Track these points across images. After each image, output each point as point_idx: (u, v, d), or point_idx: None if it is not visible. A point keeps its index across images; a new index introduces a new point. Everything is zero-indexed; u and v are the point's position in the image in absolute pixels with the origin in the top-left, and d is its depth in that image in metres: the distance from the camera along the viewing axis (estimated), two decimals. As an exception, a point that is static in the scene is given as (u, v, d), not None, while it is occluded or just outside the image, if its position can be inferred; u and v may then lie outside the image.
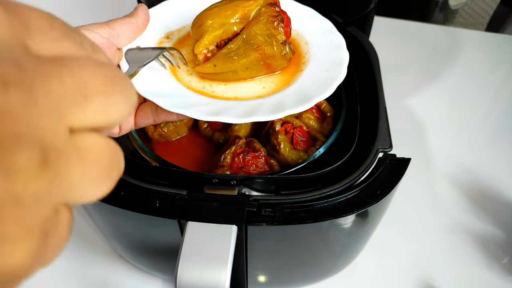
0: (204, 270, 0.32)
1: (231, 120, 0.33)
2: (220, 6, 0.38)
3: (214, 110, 0.34)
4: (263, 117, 0.33)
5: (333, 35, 0.43)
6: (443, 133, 0.70)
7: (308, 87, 0.37)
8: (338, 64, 0.39)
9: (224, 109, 0.34)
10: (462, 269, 0.53)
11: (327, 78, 0.37)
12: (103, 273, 0.53)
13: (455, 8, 1.16)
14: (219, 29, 0.37)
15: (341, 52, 0.40)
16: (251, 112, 0.34)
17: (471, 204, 0.60)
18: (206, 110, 0.33)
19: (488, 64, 0.83)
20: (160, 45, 0.41)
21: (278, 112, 0.34)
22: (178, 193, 0.36)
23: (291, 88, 0.38)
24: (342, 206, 0.36)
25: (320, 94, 0.36)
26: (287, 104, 0.35)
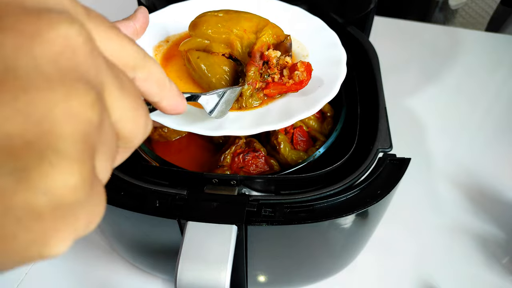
0: (204, 270, 0.32)
1: (203, 132, 0.33)
2: (221, 18, 0.38)
3: (189, 120, 0.34)
4: (237, 131, 0.34)
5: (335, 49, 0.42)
6: (443, 133, 0.70)
7: (294, 103, 0.37)
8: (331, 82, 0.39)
9: (199, 120, 0.35)
10: (462, 269, 0.53)
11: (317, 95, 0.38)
12: (103, 273, 0.53)
13: (455, 8, 1.16)
14: (205, 42, 0.38)
15: (339, 68, 0.40)
16: (257, 123, 0.34)
17: (471, 204, 0.60)
18: (182, 120, 0.34)
19: (488, 64, 0.83)
20: (159, 48, 0.41)
21: (253, 127, 0.34)
22: (178, 193, 0.36)
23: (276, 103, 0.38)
24: (342, 206, 0.36)
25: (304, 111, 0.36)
26: (265, 121, 0.35)
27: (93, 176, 0.13)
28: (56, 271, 0.53)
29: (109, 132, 0.14)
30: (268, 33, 0.38)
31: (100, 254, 0.55)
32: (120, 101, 0.15)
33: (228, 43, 0.37)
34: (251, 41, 0.37)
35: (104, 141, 0.14)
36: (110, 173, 0.15)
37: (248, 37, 0.37)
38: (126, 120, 0.16)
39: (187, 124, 0.33)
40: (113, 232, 0.45)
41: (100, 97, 0.13)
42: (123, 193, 0.37)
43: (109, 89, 0.14)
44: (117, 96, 0.15)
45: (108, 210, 0.38)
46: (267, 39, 0.38)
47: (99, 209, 0.14)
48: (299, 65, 0.37)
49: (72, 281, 0.52)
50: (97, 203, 0.14)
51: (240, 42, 0.37)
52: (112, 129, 0.15)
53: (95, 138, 0.13)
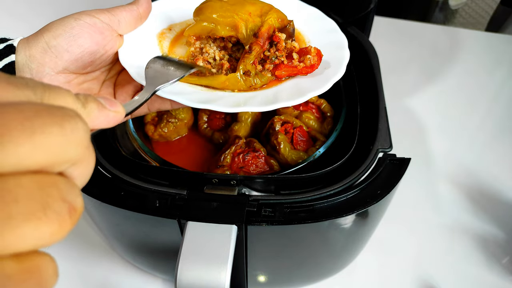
0: (204, 270, 0.32)
1: (221, 109, 0.33)
2: (226, 3, 0.38)
3: (206, 98, 0.34)
4: (254, 107, 0.34)
5: (336, 35, 0.43)
6: (443, 133, 0.70)
7: (304, 83, 0.38)
8: (337, 63, 0.39)
9: (216, 98, 0.35)
10: (462, 269, 0.53)
11: (325, 75, 0.38)
12: (103, 273, 0.53)
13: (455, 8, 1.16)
14: (210, 25, 0.38)
15: (343, 52, 0.40)
16: (243, 102, 0.34)
17: (471, 204, 0.60)
18: (198, 98, 0.34)
19: (488, 64, 0.83)
20: (162, 35, 0.41)
21: (270, 104, 0.34)
22: (178, 193, 0.36)
23: (287, 83, 0.38)
24: (342, 206, 0.36)
25: (315, 89, 0.36)
26: (280, 98, 0.35)
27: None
28: (56, 271, 0.53)
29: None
30: (273, 16, 0.38)
31: (100, 254, 0.55)
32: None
33: (233, 26, 0.37)
34: (256, 24, 0.38)
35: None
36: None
37: (253, 20, 0.38)
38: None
39: (204, 102, 0.33)
40: (113, 232, 0.45)
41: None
42: (123, 193, 0.37)
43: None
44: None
45: (108, 210, 0.38)
46: (273, 21, 0.38)
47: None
48: (312, 50, 0.38)
49: (72, 281, 0.52)
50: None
51: (245, 24, 0.37)
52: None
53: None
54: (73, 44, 0.32)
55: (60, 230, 0.13)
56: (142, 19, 0.37)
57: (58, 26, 0.32)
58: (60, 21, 0.32)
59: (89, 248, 0.56)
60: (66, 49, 0.32)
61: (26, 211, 0.12)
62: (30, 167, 0.13)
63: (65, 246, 0.56)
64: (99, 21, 0.33)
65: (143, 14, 0.37)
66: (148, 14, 0.37)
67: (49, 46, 0.31)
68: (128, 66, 0.35)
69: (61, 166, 0.14)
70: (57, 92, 0.15)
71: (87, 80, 0.36)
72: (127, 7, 0.35)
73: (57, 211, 0.13)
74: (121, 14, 0.35)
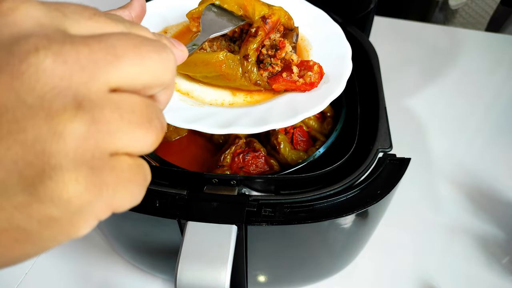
0: (204, 270, 0.32)
1: (209, 130, 0.32)
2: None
3: (192, 117, 0.33)
4: (243, 129, 0.33)
5: (340, 43, 0.42)
6: (443, 133, 0.70)
7: (300, 99, 0.36)
8: (337, 77, 0.38)
9: (204, 116, 0.34)
10: (462, 269, 0.53)
11: (323, 92, 0.37)
12: (103, 273, 0.53)
13: (455, 8, 1.16)
14: (216, 1, 0.37)
15: (345, 63, 0.39)
16: (233, 122, 0.33)
17: (471, 204, 0.60)
18: (186, 117, 0.33)
19: (488, 64, 0.83)
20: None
21: (260, 125, 0.33)
22: (178, 193, 0.36)
23: (281, 99, 0.37)
24: (342, 206, 0.36)
25: (310, 109, 0.35)
26: (271, 118, 0.34)
27: (96, 176, 0.14)
28: (56, 271, 0.53)
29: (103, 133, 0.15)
30: (283, 12, 0.37)
31: (100, 254, 0.55)
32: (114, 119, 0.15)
33: (241, 4, 0.37)
34: (264, 10, 0.37)
35: (101, 140, 0.15)
36: (138, 152, 0.17)
37: (262, 4, 0.37)
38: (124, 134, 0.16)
39: (193, 122, 0.32)
40: (113, 232, 0.45)
41: (82, 108, 0.14)
42: (123, 193, 0.37)
43: (95, 105, 0.15)
44: (108, 115, 0.15)
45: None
46: (281, 14, 0.37)
47: (124, 194, 0.16)
48: (315, 68, 0.36)
49: (72, 281, 0.52)
50: (118, 191, 0.16)
51: (253, 6, 0.37)
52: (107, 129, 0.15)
53: (86, 145, 0.14)
54: None
55: (156, 141, 0.17)
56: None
57: None
58: None
59: (89, 248, 0.56)
60: None
61: (139, 120, 0.16)
62: (137, 86, 0.16)
63: (65, 246, 0.56)
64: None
65: (136, 18, 0.35)
66: (141, 19, 0.36)
67: None
68: None
69: (156, 89, 0.17)
70: (140, 29, 0.19)
71: None
72: (119, 11, 0.34)
73: (156, 126, 0.16)
74: None
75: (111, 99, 0.15)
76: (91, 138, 0.14)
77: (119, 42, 0.15)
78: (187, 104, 0.35)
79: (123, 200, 0.16)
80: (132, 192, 0.17)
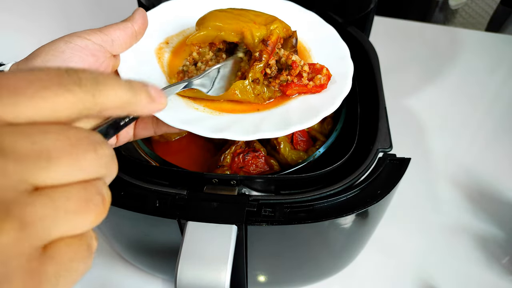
0: (204, 270, 0.32)
1: (237, 137, 0.32)
2: (229, 13, 0.38)
3: (219, 126, 0.33)
4: (268, 133, 0.33)
5: (337, 43, 0.42)
6: (443, 133, 0.70)
7: (313, 101, 0.37)
8: (342, 77, 0.39)
9: (229, 124, 0.34)
10: (462, 269, 0.53)
11: (333, 92, 0.38)
12: (103, 273, 0.53)
13: (455, 8, 1.17)
14: (215, 32, 0.37)
15: (345, 63, 0.40)
16: (257, 127, 0.34)
17: (471, 204, 0.60)
18: (210, 126, 0.33)
19: (488, 64, 0.83)
20: (160, 51, 0.40)
21: (284, 128, 0.34)
22: (178, 193, 0.36)
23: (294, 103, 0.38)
24: (342, 206, 0.36)
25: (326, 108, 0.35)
26: (292, 120, 0.35)
27: (34, 277, 0.14)
28: (56, 271, 0.53)
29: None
30: (279, 26, 0.38)
31: (100, 254, 0.55)
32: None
33: (238, 32, 0.37)
34: (261, 32, 0.37)
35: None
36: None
37: (259, 27, 0.37)
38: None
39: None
40: (113, 232, 0.45)
41: (11, 214, 0.14)
42: (123, 193, 0.37)
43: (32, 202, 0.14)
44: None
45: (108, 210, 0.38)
46: (280, 31, 0.38)
47: (68, 275, 0.16)
48: (324, 71, 0.38)
49: (72, 281, 0.52)
50: (61, 275, 0.16)
51: (251, 31, 0.37)
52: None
53: (18, 250, 0.14)
54: None
55: (96, 218, 0.17)
56: (138, 36, 0.35)
57: (48, 51, 0.30)
58: (50, 45, 0.30)
59: (89, 248, 0.56)
60: None
61: (76, 206, 0.16)
62: (72, 181, 0.16)
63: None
64: (91, 42, 0.31)
65: (139, 31, 0.35)
66: (144, 31, 0.35)
67: None
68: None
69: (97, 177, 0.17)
70: (107, 87, 0.18)
71: None
72: (121, 25, 0.33)
73: (97, 203, 0.17)
74: (114, 33, 0.32)
75: (44, 195, 0.15)
76: (23, 243, 0.14)
77: (54, 144, 0.15)
78: (206, 114, 0.36)
79: (69, 280, 0.16)
80: (77, 268, 0.17)
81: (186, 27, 0.42)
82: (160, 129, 0.35)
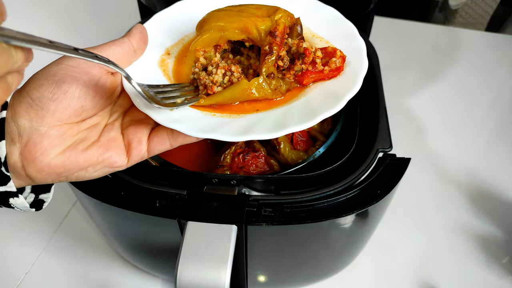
0: (204, 270, 0.32)
1: (263, 137, 0.31)
2: (229, 11, 0.37)
3: (243, 128, 0.31)
4: (296, 127, 0.31)
5: (342, 22, 0.40)
6: (443, 133, 0.70)
7: (332, 86, 0.35)
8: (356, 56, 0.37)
9: (251, 125, 0.32)
10: (462, 269, 0.53)
11: (350, 73, 0.36)
12: (103, 273, 0.53)
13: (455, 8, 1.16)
14: (218, 33, 0.36)
15: (356, 41, 0.38)
16: (281, 126, 0.32)
17: (471, 204, 0.60)
18: (234, 130, 0.31)
19: (488, 64, 0.83)
20: (163, 63, 0.39)
21: (309, 120, 0.32)
22: (178, 193, 0.36)
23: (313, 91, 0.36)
24: (342, 206, 0.36)
25: (349, 91, 0.33)
26: (318, 110, 0.33)
27: None
28: (56, 271, 0.53)
29: None
30: (284, 15, 0.36)
31: (100, 254, 0.55)
32: None
33: (242, 28, 0.35)
34: (266, 24, 0.36)
35: None
36: None
37: (262, 20, 0.36)
38: None
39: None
40: (113, 232, 0.45)
41: None
42: (123, 193, 0.37)
43: None
44: None
45: (108, 210, 0.38)
46: (285, 20, 0.36)
47: None
48: (338, 53, 0.36)
49: (72, 281, 0.52)
50: None
51: (255, 25, 0.35)
52: None
53: None
54: (57, 91, 0.29)
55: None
56: (137, 51, 0.34)
57: (40, 76, 0.29)
58: (42, 70, 0.30)
59: (89, 248, 0.56)
60: (51, 99, 0.28)
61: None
62: None
63: (65, 246, 0.56)
64: (83, 60, 0.30)
65: (137, 46, 0.33)
66: (143, 47, 0.34)
67: (32, 99, 0.28)
68: (146, 108, 0.31)
69: None
70: None
71: (82, 129, 0.31)
72: (118, 40, 0.32)
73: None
74: (109, 49, 0.31)
75: None
76: None
77: None
78: (222, 118, 0.34)
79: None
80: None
81: (184, 34, 0.41)
82: (176, 141, 0.33)
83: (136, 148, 0.32)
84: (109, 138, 0.32)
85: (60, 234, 0.57)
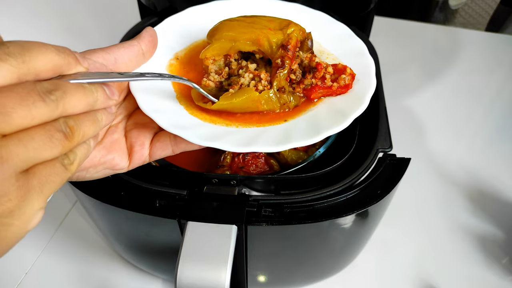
0: (204, 270, 0.32)
1: (266, 150, 0.31)
2: (242, 22, 0.37)
3: (247, 139, 0.31)
4: (299, 142, 0.31)
5: (351, 40, 0.40)
6: (443, 133, 0.70)
7: (339, 103, 0.35)
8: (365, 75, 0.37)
9: (255, 136, 0.32)
10: (462, 269, 0.53)
11: (358, 92, 0.36)
12: (103, 273, 0.53)
13: (455, 8, 1.17)
14: (229, 43, 0.36)
15: (365, 60, 0.38)
16: (285, 140, 0.32)
17: (471, 204, 0.60)
18: (237, 141, 0.31)
19: (488, 64, 0.83)
20: (170, 68, 0.38)
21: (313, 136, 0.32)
22: (178, 193, 0.36)
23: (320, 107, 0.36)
24: (342, 206, 0.36)
25: (356, 109, 0.33)
26: (323, 126, 0.33)
27: (22, 188, 0.20)
28: (56, 271, 0.53)
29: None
30: (296, 29, 0.36)
31: (100, 254, 0.55)
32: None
33: (254, 40, 0.35)
34: (278, 37, 0.35)
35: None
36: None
37: (275, 33, 0.35)
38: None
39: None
40: (113, 232, 0.45)
41: None
42: (123, 193, 0.37)
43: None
44: None
45: (108, 210, 0.38)
46: (297, 34, 0.36)
47: (49, 185, 0.21)
48: (348, 70, 0.36)
49: (72, 281, 0.52)
50: (44, 186, 0.21)
51: (267, 38, 0.35)
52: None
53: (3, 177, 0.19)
54: None
55: (65, 147, 0.22)
56: (146, 55, 0.33)
57: None
58: None
59: (89, 248, 0.56)
60: None
61: (41, 142, 0.20)
62: (34, 124, 0.20)
63: (65, 245, 0.56)
64: (92, 61, 0.29)
65: (146, 49, 0.33)
66: (152, 50, 0.34)
67: None
68: (151, 112, 0.31)
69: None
70: (34, 52, 0.21)
71: None
72: (127, 43, 0.32)
73: (58, 138, 0.21)
74: (118, 51, 0.31)
75: (13, 138, 0.19)
76: (5, 171, 0.19)
77: (6, 100, 0.19)
78: (227, 128, 0.34)
79: (50, 187, 0.21)
80: (54, 180, 0.21)
81: (194, 40, 0.41)
82: (178, 147, 0.33)
83: (138, 151, 0.32)
84: (113, 140, 0.32)
85: (60, 234, 0.57)
